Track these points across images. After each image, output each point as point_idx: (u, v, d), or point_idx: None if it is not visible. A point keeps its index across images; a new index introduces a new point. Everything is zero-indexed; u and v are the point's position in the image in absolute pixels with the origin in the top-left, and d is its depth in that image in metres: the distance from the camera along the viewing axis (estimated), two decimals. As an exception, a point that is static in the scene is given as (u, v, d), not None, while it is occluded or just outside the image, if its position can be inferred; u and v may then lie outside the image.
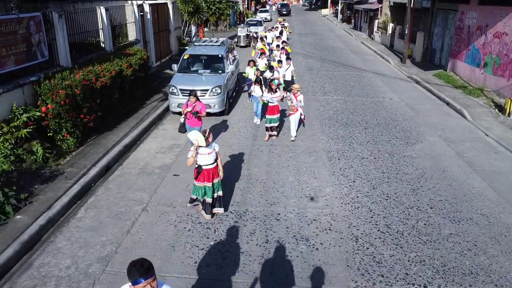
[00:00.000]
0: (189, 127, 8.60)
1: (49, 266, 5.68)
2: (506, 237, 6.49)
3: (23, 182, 7.56)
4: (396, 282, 5.43)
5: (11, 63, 8.44)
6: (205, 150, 6.43)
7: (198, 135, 6.29)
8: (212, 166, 6.56)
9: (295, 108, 9.93)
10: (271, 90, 10.09)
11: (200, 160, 6.46)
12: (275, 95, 10.08)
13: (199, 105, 8.71)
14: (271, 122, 10.19)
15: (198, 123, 8.76)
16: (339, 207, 7.26)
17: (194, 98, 8.62)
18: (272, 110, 10.12)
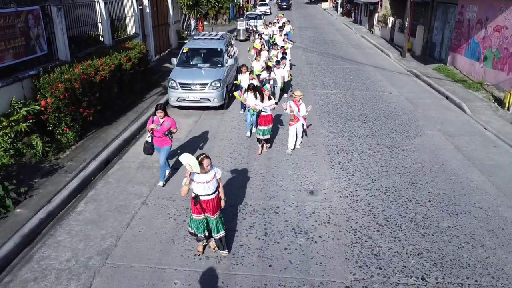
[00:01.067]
0: (157, 147, 7.49)
1: (49, 259, 5.72)
2: (504, 230, 6.53)
3: (23, 176, 7.58)
4: (394, 274, 5.48)
5: (10, 57, 8.43)
6: (202, 177, 5.28)
7: (191, 160, 5.10)
8: (211, 197, 5.40)
9: (296, 118, 8.81)
10: (263, 97, 8.99)
11: (197, 189, 5.35)
12: (268, 103, 8.90)
13: (168, 121, 7.33)
14: (263, 134, 8.95)
15: (168, 141, 7.43)
16: (337, 201, 7.29)
17: (161, 112, 7.23)
18: (264, 120, 8.88)
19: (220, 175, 5.56)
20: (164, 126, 7.28)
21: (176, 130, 7.57)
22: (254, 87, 9.42)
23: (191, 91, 11.63)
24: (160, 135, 7.32)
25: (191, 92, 11.64)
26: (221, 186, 5.66)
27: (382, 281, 5.35)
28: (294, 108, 8.69)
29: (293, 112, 8.71)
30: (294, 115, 8.75)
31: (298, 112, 8.71)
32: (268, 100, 8.92)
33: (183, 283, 5.24)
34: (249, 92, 9.46)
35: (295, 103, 8.71)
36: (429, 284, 5.31)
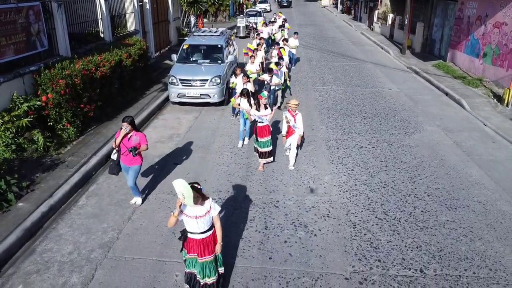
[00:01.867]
0: (124, 166, 6.58)
1: (51, 251, 5.78)
2: (502, 224, 6.58)
3: (24, 171, 7.62)
4: (392, 266, 5.54)
5: (11, 52, 8.46)
6: (192, 210, 4.32)
7: (185, 188, 4.12)
8: (201, 236, 4.42)
9: (292, 130, 7.90)
10: (260, 106, 8.03)
11: (186, 223, 4.45)
12: (265, 113, 7.99)
13: (137, 136, 6.44)
14: (263, 147, 8.11)
15: (137, 160, 6.54)
16: (337, 195, 7.34)
17: (128, 125, 6.28)
18: (262, 132, 8.05)
19: (217, 212, 4.49)
20: (131, 142, 6.38)
21: (146, 148, 6.56)
22: (248, 92, 8.68)
23: (191, 87, 11.67)
24: (124, 151, 6.44)
25: (191, 88, 11.68)
26: (219, 226, 4.56)
27: (381, 273, 5.41)
28: (290, 118, 7.79)
29: (289, 123, 7.81)
30: (290, 127, 7.86)
31: (294, 123, 7.80)
32: (264, 109, 8.00)
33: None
34: (242, 97, 8.72)
35: (291, 113, 7.83)
36: (428, 276, 5.37)
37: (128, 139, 6.42)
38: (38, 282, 5.19)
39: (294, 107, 7.82)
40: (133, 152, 6.36)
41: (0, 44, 8.09)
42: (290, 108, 7.86)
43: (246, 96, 8.62)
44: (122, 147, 6.44)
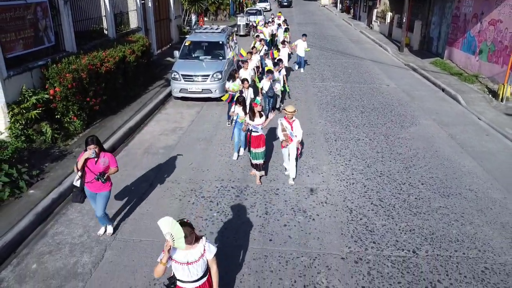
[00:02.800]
0: (91, 193, 5.61)
1: (62, 234, 6.08)
2: (492, 210, 6.89)
3: (34, 161, 7.92)
4: (387, 248, 5.84)
5: (20, 47, 8.75)
6: (183, 255, 3.64)
7: (174, 227, 3.45)
8: (196, 284, 3.72)
9: (290, 138, 7.25)
10: (254, 114, 7.38)
11: (176, 271, 3.71)
12: (259, 122, 7.37)
13: (105, 158, 5.48)
14: (256, 158, 7.48)
15: (105, 186, 5.59)
16: (335, 183, 7.65)
17: (94, 146, 5.26)
18: (257, 142, 7.43)
19: (212, 254, 3.75)
20: (99, 165, 5.42)
21: (116, 170, 5.62)
22: (244, 100, 8.19)
23: (193, 82, 11.98)
24: (91, 180, 5.45)
25: (193, 84, 11.98)
26: (215, 270, 3.84)
27: (375, 253, 5.72)
28: (286, 126, 7.20)
29: (286, 131, 7.22)
30: (288, 135, 7.24)
31: (291, 131, 7.20)
32: (259, 117, 7.36)
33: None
34: (238, 105, 8.11)
35: (287, 120, 7.20)
36: (420, 256, 5.68)
37: (95, 162, 5.41)
38: (51, 262, 5.49)
39: (291, 114, 7.12)
40: (101, 178, 5.40)
41: (10, 39, 8.38)
42: (286, 115, 7.18)
43: (242, 104, 8.06)
44: (87, 171, 5.42)
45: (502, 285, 5.17)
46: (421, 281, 5.22)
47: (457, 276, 5.33)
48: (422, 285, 5.15)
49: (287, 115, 7.17)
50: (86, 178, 5.50)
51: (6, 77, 8.16)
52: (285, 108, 7.23)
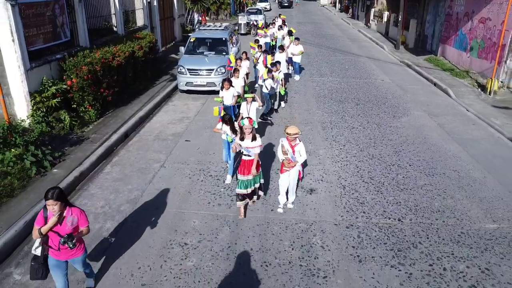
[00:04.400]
0: (56, 263, 4.36)
1: (86, 206, 6.81)
2: (472, 187, 7.62)
3: (54, 145, 8.65)
4: (375, 216, 6.58)
5: (40, 41, 9.49)
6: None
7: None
8: None
9: (291, 162, 6.30)
10: (243, 136, 6.29)
11: None
12: (253, 144, 6.21)
13: (73, 216, 4.26)
14: (245, 187, 6.31)
15: (78, 250, 4.41)
16: (330, 164, 8.39)
17: (54, 202, 4.02)
18: (246, 167, 6.29)
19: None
20: (66, 226, 4.17)
21: (88, 231, 4.41)
22: (231, 119, 7.24)
23: (199, 76, 12.72)
24: (55, 244, 4.18)
25: (198, 77, 12.72)
26: None
27: (365, 221, 6.45)
28: (287, 149, 6.23)
29: (287, 155, 6.27)
30: (289, 159, 6.29)
31: (293, 155, 6.23)
32: (251, 140, 6.21)
33: (200, 222, 6.33)
34: (224, 125, 7.24)
35: (289, 142, 6.21)
36: (404, 223, 6.42)
37: (60, 223, 4.16)
38: (78, 227, 6.22)
39: (293, 135, 6.10)
40: (70, 242, 4.04)
41: (32, 34, 9.12)
42: (288, 137, 6.14)
43: (229, 123, 7.14)
44: (51, 235, 4.16)
45: (475, 246, 5.91)
46: (404, 242, 5.96)
47: (436, 239, 6.06)
48: (405, 246, 5.88)
49: (290, 136, 6.10)
50: (50, 242, 4.18)
51: (29, 69, 8.89)
52: (287, 129, 6.17)
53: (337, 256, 5.64)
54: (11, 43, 8.35)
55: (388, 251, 5.76)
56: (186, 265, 5.42)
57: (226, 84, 9.11)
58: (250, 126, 6.23)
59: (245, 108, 8.51)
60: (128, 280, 5.15)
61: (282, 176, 6.52)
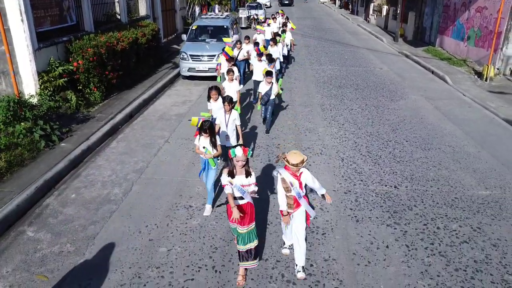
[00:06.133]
0: None
1: (94, 175, 7.08)
2: (466, 160, 7.89)
3: (62, 122, 8.89)
4: (372, 184, 6.85)
5: (48, 23, 9.77)
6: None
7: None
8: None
9: (296, 202, 4.54)
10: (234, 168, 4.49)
11: None
12: (248, 181, 4.54)
13: None
14: (243, 242, 4.54)
15: None
16: (329, 140, 8.65)
17: None
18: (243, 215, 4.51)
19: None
20: None
21: None
22: (212, 127, 5.56)
23: (201, 62, 12.99)
24: None
25: (200, 63, 12.99)
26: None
27: (362, 188, 6.72)
28: (292, 182, 4.45)
29: (290, 192, 4.47)
30: (293, 197, 4.50)
31: (299, 190, 4.47)
32: (245, 174, 4.52)
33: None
34: (203, 134, 5.55)
35: (293, 174, 4.45)
36: (400, 190, 6.68)
37: None
38: (87, 193, 6.49)
39: (296, 167, 4.36)
40: None
41: (40, 16, 9.39)
42: (290, 167, 4.39)
43: (209, 132, 5.47)
44: None
45: (468, 209, 6.17)
46: (400, 206, 6.22)
47: (431, 202, 6.33)
48: (400, 208, 6.15)
49: (292, 168, 4.37)
50: None
51: (37, 49, 9.15)
52: (287, 156, 4.41)
53: (335, 216, 5.91)
54: (20, 23, 8.61)
55: (384, 212, 6.02)
56: (191, 223, 5.69)
57: (214, 93, 7.02)
58: (244, 157, 4.40)
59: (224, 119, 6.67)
60: (136, 236, 5.41)
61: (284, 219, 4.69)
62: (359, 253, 5.12)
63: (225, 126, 6.68)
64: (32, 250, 5.12)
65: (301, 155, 4.43)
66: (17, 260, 4.94)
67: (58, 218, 5.80)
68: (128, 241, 5.31)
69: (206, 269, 4.82)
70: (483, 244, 5.33)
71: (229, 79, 8.26)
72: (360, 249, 5.20)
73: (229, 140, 6.74)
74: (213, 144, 5.61)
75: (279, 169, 4.58)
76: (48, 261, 4.92)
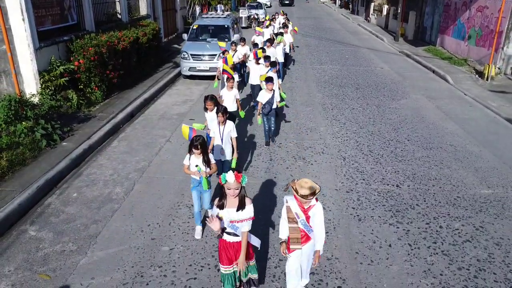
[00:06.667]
0: None
1: (96, 174, 7.07)
2: (468, 159, 7.87)
3: (63, 121, 8.88)
4: (374, 183, 6.83)
5: (49, 23, 9.75)
6: None
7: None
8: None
9: (305, 236, 3.90)
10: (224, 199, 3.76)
11: None
12: (243, 216, 3.76)
13: None
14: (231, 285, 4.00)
15: None
16: (330, 139, 8.64)
17: None
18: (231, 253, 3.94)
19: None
20: None
21: None
22: (204, 143, 4.86)
23: (201, 61, 12.98)
24: None
25: (201, 62, 12.98)
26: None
27: (364, 187, 6.71)
28: (297, 214, 3.82)
29: (296, 224, 3.85)
30: (301, 231, 3.87)
31: (307, 224, 3.85)
32: (239, 207, 3.74)
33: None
34: (194, 152, 4.90)
35: (301, 205, 3.79)
36: (402, 189, 6.67)
37: None
38: (89, 192, 6.48)
39: (306, 198, 3.64)
40: None
41: (41, 15, 9.37)
42: (299, 197, 3.67)
43: (200, 148, 4.82)
44: None
45: (470, 208, 6.16)
46: (402, 204, 6.21)
47: (433, 201, 6.32)
48: (403, 207, 6.13)
49: (301, 198, 3.66)
50: None
51: (38, 48, 9.14)
52: (296, 186, 3.70)
53: (337, 215, 5.89)
54: (21, 22, 8.60)
55: (387, 211, 6.01)
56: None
57: (209, 103, 6.49)
58: (238, 185, 3.62)
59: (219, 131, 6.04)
60: (138, 235, 5.40)
61: (291, 260, 4.00)
62: (361, 252, 5.11)
63: (220, 138, 6.07)
64: (34, 249, 5.11)
65: (313, 185, 3.71)
66: (19, 259, 4.93)
67: (60, 217, 5.79)
68: (130, 240, 5.30)
69: (209, 268, 4.81)
70: (486, 243, 5.32)
71: (229, 86, 7.70)
72: (362, 248, 5.19)
73: (224, 154, 6.16)
74: (207, 163, 4.94)
75: (288, 196, 3.95)
76: (50, 260, 4.91)
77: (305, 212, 3.83)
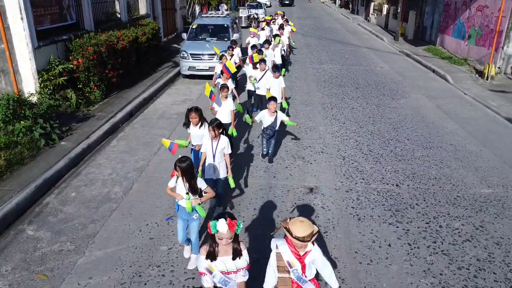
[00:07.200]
0: None
1: (94, 174, 7.04)
2: (468, 158, 7.85)
3: (62, 121, 8.85)
4: (374, 182, 6.81)
5: (48, 22, 9.73)
6: None
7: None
8: None
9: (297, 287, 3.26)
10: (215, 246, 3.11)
11: None
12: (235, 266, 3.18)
13: None
14: None
15: None
16: (330, 139, 8.61)
17: None
18: None
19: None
20: None
21: None
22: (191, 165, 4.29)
23: (201, 60, 12.95)
24: None
25: (200, 62, 12.96)
26: None
27: (364, 186, 6.68)
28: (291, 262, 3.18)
29: (288, 274, 3.24)
30: (293, 282, 3.27)
31: (301, 275, 3.20)
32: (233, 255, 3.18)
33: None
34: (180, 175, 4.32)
35: (295, 250, 3.16)
36: (402, 188, 6.64)
37: None
38: (87, 191, 6.45)
39: (303, 242, 3.06)
40: None
41: (40, 14, 9.34)
42: (295, 242, 3.09)
43: (186, 176, 4.28)
44: None
45: (470, 207, 6.14)
46: (402, 204, 6.19)
47: (433, 201, 6.29)
48: (402, 207, 6.11)
49: (296, 242, 3.09)
50: None
51: (37, 47, 9.12)
52: (291, 228, 3.08)
53: (337, 215, 5.87)
54: (19, 21, 8.57)
55: (386, 211, 5.99)
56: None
57: (193, 116, 5.78)
58: (231, 234, 3.04)
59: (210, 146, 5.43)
60: (136, 235, 5.38)
61: None
62: (361, 252, 5.09)
63: (212, 155, 5.42)
64: (31, 249, 5.08)
65: (311, 225, 3.06)
66: (17, 258, 4.91)
67: (58, 217, 5.76)
68: (129, 240, 5.27)
69: (207, 268, 4.78)
70: (485, 243, 5.30)
71: (223, 96, 6.95)
72: (362, 248, 5.16)
73: (217, 172, 5.52)
74: (193, 190, 4.27)
75: (278, 240, 3.24)
76: (48, 260, 4.88)
77: (300, 260, 3.14)
